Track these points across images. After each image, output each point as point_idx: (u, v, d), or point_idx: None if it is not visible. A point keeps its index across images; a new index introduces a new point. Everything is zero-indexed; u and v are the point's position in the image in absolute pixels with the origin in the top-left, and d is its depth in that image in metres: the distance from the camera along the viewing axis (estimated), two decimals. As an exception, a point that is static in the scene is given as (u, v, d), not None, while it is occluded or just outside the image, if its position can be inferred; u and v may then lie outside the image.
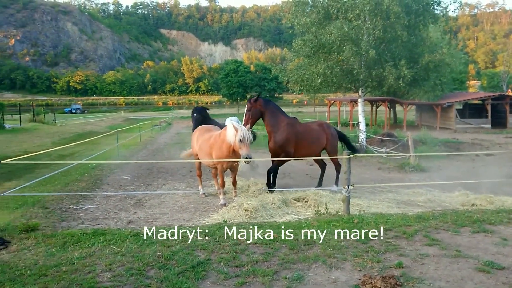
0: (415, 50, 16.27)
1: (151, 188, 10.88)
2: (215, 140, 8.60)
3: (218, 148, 8.41)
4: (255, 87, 71.09)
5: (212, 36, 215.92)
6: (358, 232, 6.17)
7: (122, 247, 5.75)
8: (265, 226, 6.72)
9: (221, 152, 8.33)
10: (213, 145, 8.55)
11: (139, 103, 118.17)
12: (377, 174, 13.25)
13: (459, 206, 8.45)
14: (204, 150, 8.80)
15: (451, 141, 22.88)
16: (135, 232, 6.39)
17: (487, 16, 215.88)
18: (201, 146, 8.90)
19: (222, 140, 8.35)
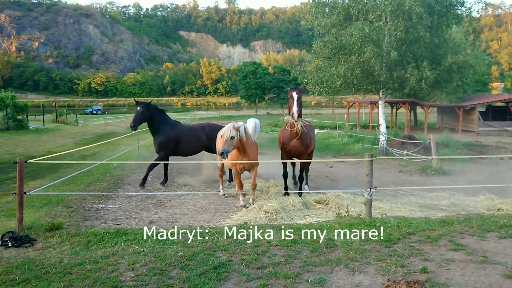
0: (438, 51, 15.98)
1: (171, 188, 10.96)
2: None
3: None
4: (273, 88, 70.99)
5: (231, 38, 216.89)
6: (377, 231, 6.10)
7: (144, 246, 5.80)
8: (285, 228, 6.69)
9: (232, 153, 8.33)
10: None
11: (159, 104, 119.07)
12: (398, 177, 13.06)
13: (484, 211, 8.25)
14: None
15: (474, 144, 22.38)
16: (157, 232, 6.43)
17: (511, 16, 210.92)
18: (218, 147, 8.99)
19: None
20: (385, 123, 17.74)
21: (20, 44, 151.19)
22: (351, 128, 33.22)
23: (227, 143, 7.97)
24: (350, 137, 23.03)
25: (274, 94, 72.16)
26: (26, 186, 8.18)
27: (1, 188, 10.93)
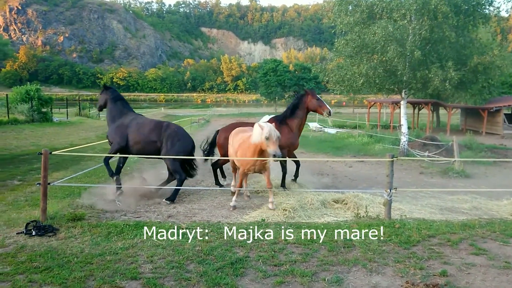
0: (463, 52, 15.61)
1: (189, 183, 11.02)
2: (243, 141, 8.19)
3: (245, 148, 7.97)
4: (294, 86, 70.78)
5: (252, 35, 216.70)
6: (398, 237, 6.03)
7: (162, 240, 5.87)
8: (303, 226, 6.68)
9: (247, 153, 7.88)
10: (241, 146, 8.16)
11: (179, 100, 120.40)
12: (419, 178, 12.85)
13: (508, 216, 8.04)
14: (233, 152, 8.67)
15: (498, 147, 21.86)
16: (175, 226, 6.51)
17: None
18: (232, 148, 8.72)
19: (248, 141, 7.91)
20: (406, 123, 17.46)
21: (46, 39, 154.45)
22: (372, 128, 32.85)
23: (277, 144, 7.34)
24: (371, 137, 22.78)
25: (295, 91, 71.94)
26: (50, 177, 8.36)
27: (26, 178, 11.23)
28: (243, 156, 8.04)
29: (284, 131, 9.54)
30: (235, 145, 8.51)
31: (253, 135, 7.66)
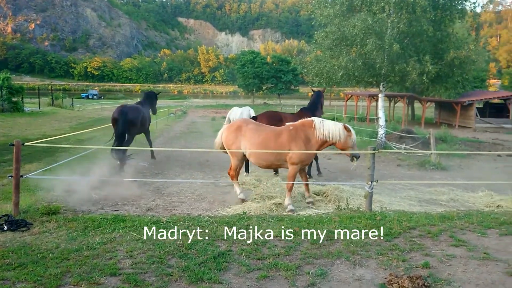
0: (440, 46, 15.85)
1: (168, 176, 10.86)
2: (297, 136, 7.65)
3: (300, 145, 7.57)
4: (272, 78, 70.70)
5: (230, 26, 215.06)
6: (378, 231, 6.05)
7: (142, 234, 5.71)
8: (285, 219, 6.63)
9: (307, 149, 7.64)
10: (290, 141, 7.63)
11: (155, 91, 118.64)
12: (396, 170, 13.03)
13: (484, 207, 8.23)
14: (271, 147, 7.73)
15: (471, 140, 22.43)
16: (155, 220, 6.37)
17: (510, 13, 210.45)
18: (262, 144, 7.74)
19: (310, 135, 7.66)
20: (384, 116, 17.66)
21: (16, 26, 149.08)
22: (349, 120, 33.19)
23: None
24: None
25: (272, 84, 71.87)
26: (22, 169, 8.04)
27: (-4, 171, 10.79)
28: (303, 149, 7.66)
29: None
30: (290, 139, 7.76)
31: (326, 129, 7.62)
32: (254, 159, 7.94)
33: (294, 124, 7.95)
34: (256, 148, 7.70)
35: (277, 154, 7.64)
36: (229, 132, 8.15)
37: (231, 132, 8.09)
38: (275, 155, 7.69)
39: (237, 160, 8.14)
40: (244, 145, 7.89)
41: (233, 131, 8.08)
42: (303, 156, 7.61)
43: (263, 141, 7.73)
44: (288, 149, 7.57)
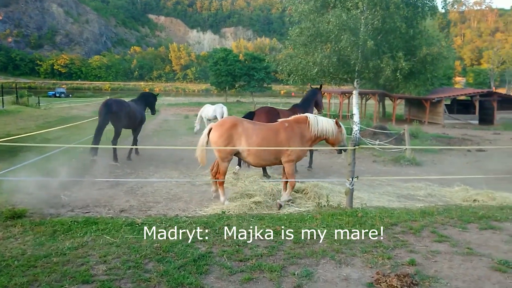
0: (412, 43, 16.05)
1: (142, 175, 10.50)
2: (294, 132, 7.55)
3: (298, 141, 7.50)
4: (244, 76, 70.39)
5: (201, 24, 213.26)
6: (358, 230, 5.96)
7: (116, 237, 5.40)
8: (266, 218, 6.44)
9: (303, 145, 7.62)
10: (289, 138, 7.51)
11: (125, 89, 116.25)
12: (372, 166, 13.07)
13: (461, 202, 8.30)
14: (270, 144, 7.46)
15: (441, 136, 22.91)
16: (129, 221, 6.04)
17: (474, 13, 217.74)
18: (263, 143, 7.42)
19: (305, 131, 7.59)
20: (358, 113, 17.75)
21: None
22: (322, 117, 33.32)
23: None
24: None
25: (244, 82, 71.57)
26: (-16, 170, 7.55)
27: (-45, 172, 10.13)
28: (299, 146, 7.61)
29: None
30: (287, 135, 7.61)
31: (315, 124, 7.65)
32: (253, 158, 7.56)
33: (288, 120, 7.82)
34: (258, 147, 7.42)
35: (276, 152, 7.49)
36: (222, 131, 7.46)
37: (225, 131, 7.43)
38: (275, 154, 7.54)
39: (227, 161, 7.64)
40: (243, 145, 7.41)
41: (227, 129, 7.44)
42: (300, 152, 7.62)
43: (264, 140, 7.45)
44: (287, 146, 7.47)
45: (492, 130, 29.36)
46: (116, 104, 11.99)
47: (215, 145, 7.47)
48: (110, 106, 11.70)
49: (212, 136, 7.53)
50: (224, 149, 7.41)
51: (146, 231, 5.54)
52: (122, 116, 11.92)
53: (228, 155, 7.54)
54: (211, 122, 21.22)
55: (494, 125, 33.52)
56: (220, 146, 7.39)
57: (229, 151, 7.47)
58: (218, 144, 7.43)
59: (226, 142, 7.40)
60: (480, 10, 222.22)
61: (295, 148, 7.50)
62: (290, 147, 7.45)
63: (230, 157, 7.64)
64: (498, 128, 30.69)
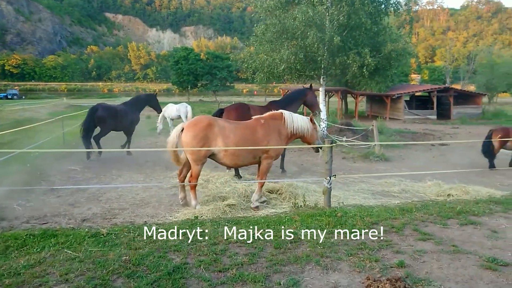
0: (377, 39, 16.13)
1: (105, 180, 9.84)
2: (271, 129, 7.25)
3: (276, 138, 7.24)
4: (206, 75, 69.54)
5: (160, 22, 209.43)
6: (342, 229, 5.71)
7: (79, 251, 4.85)
8: (242, 222, 6.07)
9: (281, 142, 7.33)
10: (267, 135, 7.20)
11: (83, 90, 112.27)
12: (342, 163, 12.96)
13: (435, 197, 8.26)
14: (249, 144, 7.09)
15: (404, 131, 23.31)
16: (93, 232, 5.49)
17: (427, 13, 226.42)
18: (241, 142, 7.03)
19: (281, 128, 7.33)
20: (325, 110, 17.68)
21: None
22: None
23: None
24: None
25: (206, 81, 70.68)
26: None
27: None
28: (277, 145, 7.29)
29: None
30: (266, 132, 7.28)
31: (290, 121, 7.42)
32: (231, 159, 7.06)
33: (263, 117, 7.45)
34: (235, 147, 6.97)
35: (255, 151, 7.09)
36: (196, 131, 6.89)
37: (200, 131, 6.87)
38: (254, 153, 7.14)
39: (200, 164, 7.10)
40: (219, 145, 6.92)
41: (202, 129, 6.88)
42: (278, 150, 7.31)
43: (242, 139, 7.03)
44: (266, 144, 7.12)
45: (450, 125, 30.30)
46: (102, 109, 12.81)
47: (189, 146, 6.89)
48: (96, 111, 12.64)
49: (185, 136, 6.94)
50: (199, 151, 6.89)
51: (112, 241, 5.02)
52: (107, 120, 12.67)
53: (203, 157, 7.01)
54: (174, 122, 20.62)
55: (451, 119, 34.68)
56: (194, 147, 6.84)
57: (204, 153, 6.95)
58: (192, 145, 6.86)
59: (201, 143, 6.86)
60: (433, 9, 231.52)
61: (282, 146, 7.27)
62: (269, 144, 7.13)
63: (204, 160, 7.12)
64: (455, 123, 31.74)
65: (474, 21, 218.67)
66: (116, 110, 13.11)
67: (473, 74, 56.72)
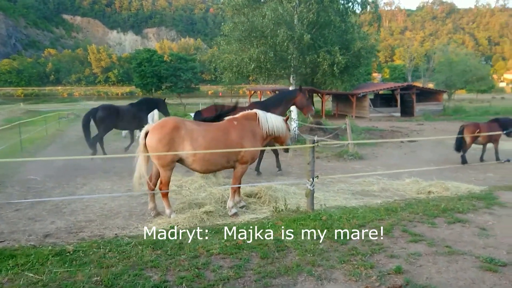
0: (346, 37, 16.08)
1: (68, 189, 9.14)
2: (245, 130, 6.81)
3: (252, 140, 6.81)
4: (171, 77, 68.27)
5: (121, 24, 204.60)
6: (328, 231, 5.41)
7: (42, 273, 4.27)
8: (222, 230, 5.64)
9: (256, 144, 6.90)
10: (241, 137, 6.74)
11: (41, 95, 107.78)
12: (317, 163, 12.65)
13: (416, 194, 8.12)
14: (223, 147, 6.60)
15: (372, 129, 23.54)
16: (58, 250, 4.90)
17: (385, 13, 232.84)
18: (212, 146, 6.50)
19: (256, 129, 6.92)
20: (295, 109, 17.46)
21: None
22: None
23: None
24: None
25: (171, 83, 69.40)
26: None
27: None
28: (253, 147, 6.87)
29: None
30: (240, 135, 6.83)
31: (265, 122, 7.04)
32: (201, 164, 6.52)
33: (235, 118, 6.97)
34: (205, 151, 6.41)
35: (228, 154, 6.56)
36: (161, 134, 6.32)
37: (166, 134, 6.30)
38: (227, 156, 6.62)
39: (169, 170, 6.53)
40: (187, 150, 6.35)
41: (167, 132, 6.31)
42: (254, 152, 6.86)
43: (212, 141, 6.52)
44: (240, 146, 6.63)
45: (415, 122, 30.96)
46: (102, 109, 13.24)
47: (155, 150, 6.34)
48: (96, 111, 13.13)
49: (150, 140, 6.37)
50: (166, 156, 6.33)
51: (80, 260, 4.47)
52: (106, 120, 13.05)
53: (170, 162, 6.47)
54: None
55: (415, 116, 35.47)
56: (161, 152, 6.30)
57: (171, 158, 6.41)
58: (158, 149, 6.31)
59: (168, 147, 6.32)
60: (391, 10, 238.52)
61: (257, 147, 6.85)
62: (244, 146, 6.68)
63: (173, 165, 6.59)
64: (419, 119, 32.46)
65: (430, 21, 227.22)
66: (117, 109, 13.54)
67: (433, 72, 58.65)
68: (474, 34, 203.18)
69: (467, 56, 55.09)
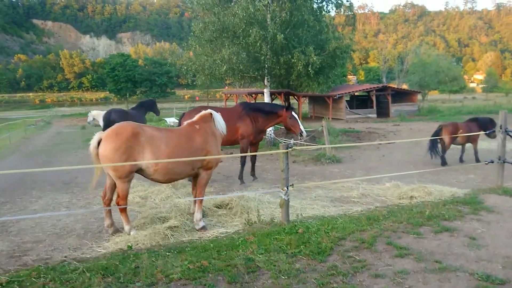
0: (320, 37, 15.67)
1: (21, 204, 8.30)
2: (208, 134, 6.37)
3: (215, 143, 6.45)
4: (145, 81, 67.06)
5: (94, 29, 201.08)
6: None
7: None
8: (187, 249, 5.00)
9: (219, 147, 6.64)
10: (206, 142, 6.27)
11: (11, 102, 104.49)
12: (294, 167, 12.20)
13: (397, 200, 7.65)
14: (192, 152, 6.09)
15: (349, 131, 23.23)
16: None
17: (359, 16, 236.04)
18: (174, 153, 5.95)
19: (215, 131, 6.55)
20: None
21: None
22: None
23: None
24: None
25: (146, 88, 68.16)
26: None
27: None
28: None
29: (246, 120, 9.61)
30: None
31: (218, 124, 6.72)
32: (164, 174, 5.86)
33: (194, 121, 6.40)
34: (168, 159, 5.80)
35: (193, 161, 6.00)
36: (117, 142, 5.60)
37: (123, 142, 5.60)
38: (192, 164, 6.05)
39: (127, 182, 5.79)
40: (147, 159, 5.68)
41: (124, 140, 5.61)
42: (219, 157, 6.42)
43: (176, 148, 5.92)
44: (205, 151, 6.17)
45: (391, 122, 30.89)
46: (115, 112, 14.23)
47: (110, 161, 5.59)
48: (110, 114, 14.13)
49: (105, 149, 5.63)
50: (123, 167, 5.60)
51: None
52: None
53: (128, 173, 5.74)
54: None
55: (391, 117, 35.53)
56: (117, 162, 5.57)
57: (129, 169, 5.69)
58: (114, 159, 5.57)
59: (125, 157, 5.60)
60: (364, 13, 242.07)
61: (220, 151, 6.36)
62: (209, 151, 6.21)
63: (131, 176, 5.86)
64: (395, 120, 32.46)
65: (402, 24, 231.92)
66: (126, 113, 14.38)
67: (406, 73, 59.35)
68: (444, 36, 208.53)
69: (438, 57, 56.01)
